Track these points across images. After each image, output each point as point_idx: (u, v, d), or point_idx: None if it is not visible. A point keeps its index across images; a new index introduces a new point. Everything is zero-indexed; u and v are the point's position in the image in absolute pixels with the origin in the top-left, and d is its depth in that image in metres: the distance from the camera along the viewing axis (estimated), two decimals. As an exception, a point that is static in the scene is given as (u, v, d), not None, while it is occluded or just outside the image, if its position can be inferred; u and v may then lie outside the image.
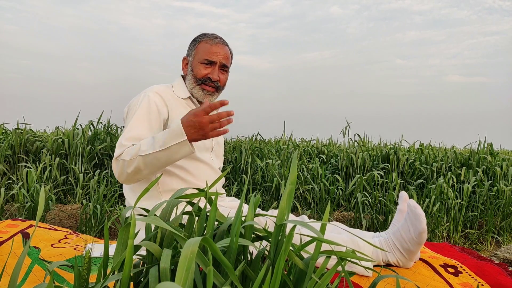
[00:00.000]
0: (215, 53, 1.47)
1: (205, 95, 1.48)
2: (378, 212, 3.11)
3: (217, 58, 1.47)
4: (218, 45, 1.49)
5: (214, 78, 1.46)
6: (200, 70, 1.46)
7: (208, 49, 1.47)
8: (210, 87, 1.48)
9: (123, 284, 0.57)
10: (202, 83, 1.47)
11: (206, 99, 1.47)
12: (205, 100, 1.30)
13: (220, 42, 1.50)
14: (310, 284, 0.62)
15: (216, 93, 1.51)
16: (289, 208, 0.66)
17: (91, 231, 2.67)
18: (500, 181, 3.44)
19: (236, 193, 3.42)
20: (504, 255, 1.98)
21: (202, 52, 1.48)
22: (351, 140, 4.69)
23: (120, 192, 3.26)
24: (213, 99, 1.51)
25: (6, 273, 1.19)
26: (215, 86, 1.48)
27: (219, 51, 1.48)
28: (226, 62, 1.50)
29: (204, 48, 1.48)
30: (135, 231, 0.59)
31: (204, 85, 1.47)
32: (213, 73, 1.46)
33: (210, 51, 1.47)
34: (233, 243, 0.62)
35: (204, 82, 1.47)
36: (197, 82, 1.47)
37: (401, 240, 1.24)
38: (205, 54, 1.47)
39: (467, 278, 1.26)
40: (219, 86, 1.50)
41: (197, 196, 0.75)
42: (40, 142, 3.81)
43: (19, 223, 1.58)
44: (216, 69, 1.47)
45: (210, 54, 1.46)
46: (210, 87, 1.48)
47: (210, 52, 1.47)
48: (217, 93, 1.52)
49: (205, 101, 1.47)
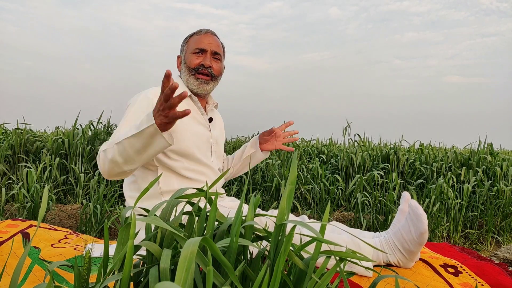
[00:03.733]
0: (205, 42, 1.50)
1: (199, 83, 1.49)
2: (378, 212, 3.11)
3: (207, 46, 1.50)
4: (207, 34, 1.53)
5: (206, 64, 1.48)
6: (192, 60, 1.49)
7: (197, 39, 1.51)
8: (204, 75, 1.49)
9: (123, 284, 0.57)
10: (196, 72, 1.49)
11: (202, 87, 1.48)
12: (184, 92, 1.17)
13: (209, 33, 1.54)
14: (310, 284, 0.62)
15: (212, 82, 1.52)
16: (289, 208, 0.66)
17: (91, 231, 2.67)
18: (500, 181, 3.45)
19: (236, 193, 3.42)
20: (504, 255, 1.98)
21: (192, 44, 1.51)
22: (351, 140, 4.69)
23: (120, 192, 3.26)
24: (209, 89, 1.52)
25: (6, 273, 1.19)
26: (209, 73, 1.49)
27: (209, 39, 1.51)
28: (218, 50, 1.52)
29: (194, 40, 1.52)
30: (135, 231, 0.59)
31: (198, 74, 1.49)
32: (205, 60, 1.49)
33: (200, 41, 1.50)
34: (233, 243, 0.62)
35: (198, 71, 1.48)
36: (191, 72, 1.49)
37: (402, 241, 1.24)
38: (195, 44, 1.50)
39: (467, 278, 1.26)
40: (213, 74, 1.51)
41: (197, 196, 0.75)
42: (40, 142, 3.81)
43: (19, 223, 1.58)
44: (208, 56, 1.50)
45: (200, 43, 1.50)
46: (204, 75, 1.49)
47: (200, 41, 1.50)
48: (212, 81, 1.52)
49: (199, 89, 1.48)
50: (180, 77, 1.57)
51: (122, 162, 1.20)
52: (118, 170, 1.23)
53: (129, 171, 1.25)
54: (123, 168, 1.22)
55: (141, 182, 1.42)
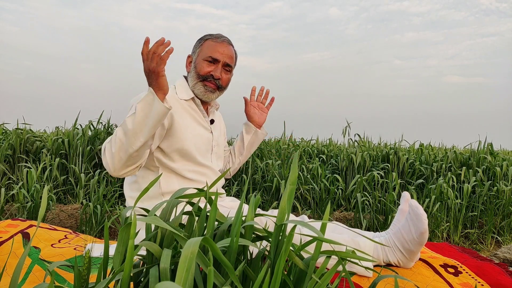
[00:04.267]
0: (220, 52, 1.48)
1: (206, 91, 1.48)
2: (378, 212, 3.11)
3: (221, 56, 1.47)
4: (223, 43, 1.50)
5: (216, 76, 1.47)
6: (203, 67, 1.47)
7: (213, 47, 1.48)
8: (211, 84, 1.48)
9: (123, 284, 0.57)
10: (204, 79, 1.47)
11: (207, 95, 1.48)
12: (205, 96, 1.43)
13: (226, 41, 1.51)
14: (310, 284, 0.62)
15: (218, 91, 1.51)
16: (289, 208, 0.66)
17: (91, 231, 2.67)
18: (500, 181, 3.44)
19: (236, 193, 3.42)
20: (504, 255, 1.98)
21: (206, 50, 1.48)
22: (351, 140, 4.69)
23: (120, 192, 3.26)
24: (214, 97, 1.52)
25: (6, 273, 1.19)
26: (217, 84, 1.49)
27: (224, 49, 1.49)
28: (230, 62, 1.51)
29: (209, 46, 1.49)
30: (135, 231, 0.59)
31: (206, 81, 1.47)
32: (216, 71, 1.47)
33: (214, 49, 1.48)
34: (233, 243, 0.62)
35: (206, 79, 1.47)
36: (199, 79, 1.48)
37: (402, 241, 1.24)
38: (209, 52, 1.48)
39: (467, 278, 1.26)
40: (220, 85, 1.50)
41: (197, 196, 0.75)
42: (40, 142, 3.81)
43: (19, 223, 1.58)
44: (219, 67, 1.48)
45: (214, 52, 1.47)
46: (212, 84, 1.48)
47: (215, 50, 1.48)
48: (218, 91, 1.52)
49: (205, 97, 1.49)
50: (185, 77, 1.56)
51: (126, 142, 1.20)
52: (124, 157, 1.22)
53: (135, 156, 1.23)
54: (128, 151, 1.21)
55: (141, 182, 1.42)
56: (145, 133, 1.21)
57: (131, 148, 1.21)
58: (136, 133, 1.20)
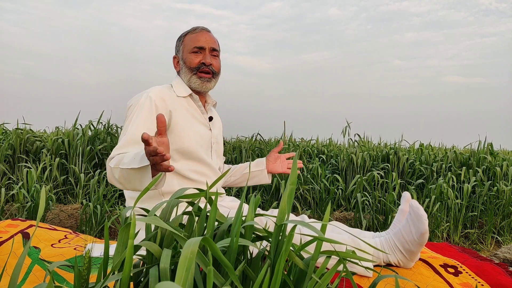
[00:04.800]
0: (202, 40, 1.50)
1: (202, 82, 1.49)
2: (378, 212, 3.11)
3: (205, 43, 1.50)
4: (202, 32, 1.53)
5: (207, 62, 1.49)
6: (192, 60, 1.49)
7: (194, 38, 1.51)
8: (206, 74, 1.50)
9: (123, 284, 0.57)
10: (197, 71, 1.49)
11: (204, 85, 1.49)
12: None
13: (204, 30, 1.55)
14: (310, 284, 0.62)
15: (213, 79, 1.53)
16: (289, 208, 0.66)
17: (91, 231, 2.67)
18: (500, 181, 3.44)
19: (236, 193, 3.42)
20: (504, 255, 1.98)
21: (189, 43, 1.51)
22: (351, 140, 4.69)
23: (120, 192, 3.26)
24: (212, 86, 1.53)
25: (6, 273, 1.19)
26: (210, 70, 1.50)
27: (205, 37, 1.52)
28: (215, 46, 1.53)
29: (190, 38, 1.52)
30: (135, 231, 0.59)
31: (199, 72, 1.49)
32: (205, 58, 1.49)
33: (196, 39, 1.51)
34: (233, 243, 0.62)
35: (199, 69, 1.49)
36: (192, 72, 1.49)
37: (403, 241, 1.24)
38: (192, 43, 1.50)
39: (467, 278, 1.26)
40: (214, 71, 1.52)
41: (197, 196, 0.75)
42: (40, 142, 3.81)
43: (19, 223, 1.58)
44: (207, 53, 1.50)
45: (197, 41, 1.50)
46: (206, 74, 1.50)
47: (197, 40, 1.50)
48: (214, 79, 1.53)
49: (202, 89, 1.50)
50: (178, 77, 1.56)
51: (127, 186, 1.20)
52: (123, 188, 1.24)
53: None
54: (127, 189, 1.22)
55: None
56: (135, 186, 1.16)
57: (128, 188, 1.21)
58: (134, 187, 1.17)
